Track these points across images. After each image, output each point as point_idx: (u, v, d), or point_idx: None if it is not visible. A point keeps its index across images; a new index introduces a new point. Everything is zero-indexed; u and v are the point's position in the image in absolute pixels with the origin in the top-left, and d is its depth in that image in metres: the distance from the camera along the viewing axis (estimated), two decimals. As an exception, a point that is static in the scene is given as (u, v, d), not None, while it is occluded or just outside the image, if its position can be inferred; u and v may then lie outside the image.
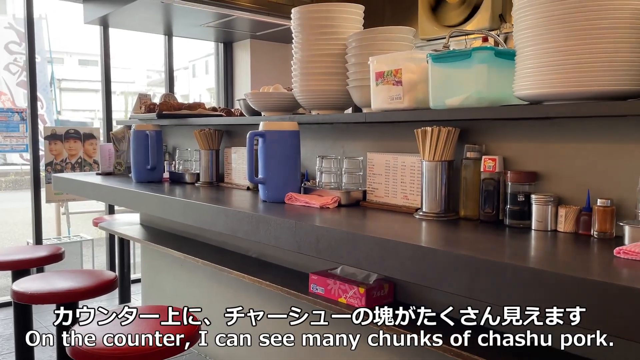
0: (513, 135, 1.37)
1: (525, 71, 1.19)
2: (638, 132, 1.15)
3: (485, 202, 1.36)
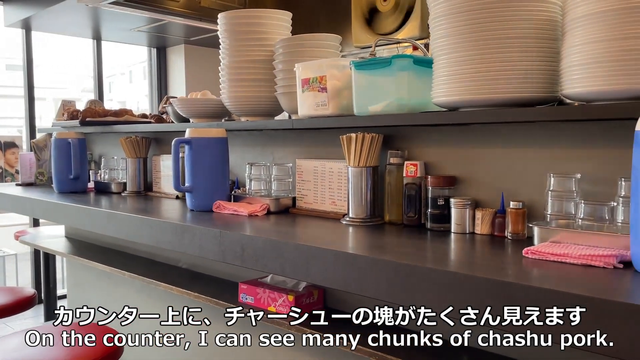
0: (433, 140, 1.40)
1: (441, 78, 1.22)
2: (546, 137, 1.20)
3: (408, 207, 1.39)
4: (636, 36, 0.95)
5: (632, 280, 0.86)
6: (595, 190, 1.12)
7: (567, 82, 1.05)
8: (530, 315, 0.79)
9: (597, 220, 1.06)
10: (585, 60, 1.00)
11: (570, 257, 0.95)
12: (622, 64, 0.96)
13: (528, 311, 0.80)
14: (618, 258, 0.93)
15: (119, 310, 1.41)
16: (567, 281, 0.87)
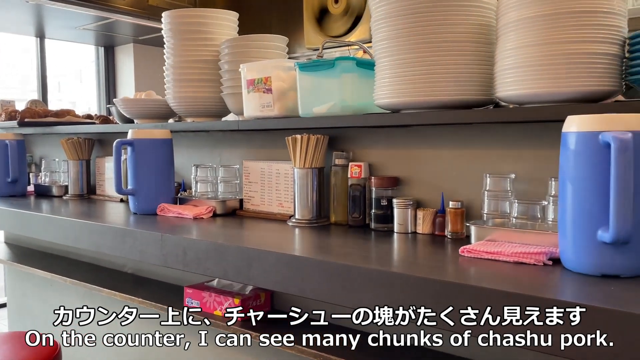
0: (377, 142, 1.42)
1: (382, 81, 1.24)
2: (483, 138, 1.24)
3: (353, 208, 1.40)
4: (564, 41, 0.99)
5: (560, 276, 0.89)
6: (528, 189, 1.16)
7: (500, 85, 1.09)
8: (473, 314, 0.81)
9: (529, 219, 1.10)
10: (517, 64, 1.04)
11: (503, 255, 0.98)
12: (551, 67, 1.00)
13: (463, 311, 0.82)
14: (547, 255, 0.96)
15: (57, 317, 1.36)
16: (500, 279, 0.89)
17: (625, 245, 0.84)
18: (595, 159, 0.85)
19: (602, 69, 0.99)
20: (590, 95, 1.00)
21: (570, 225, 0.89)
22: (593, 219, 0.85)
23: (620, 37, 1.01)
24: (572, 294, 0.81)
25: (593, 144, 0.85)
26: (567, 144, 0.90)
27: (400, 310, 0.89)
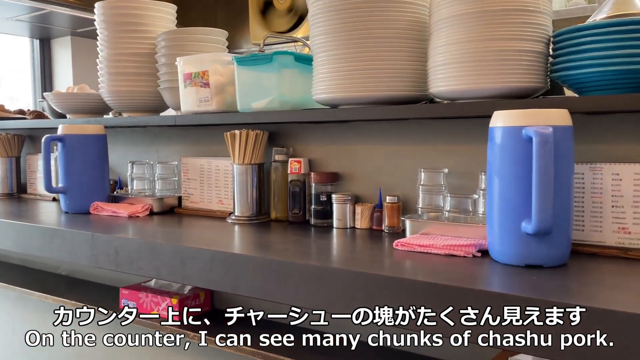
0: (317, 137, 1.42)
1: (320, 76, 1.23)
2: (418, 134, 1.26)
3: (293, 204, 1.39)
4: (492, 38, 1.01)
5: (487, 268, 0.91)
6: (460, 183, 1.19)
7: (433, 81, 1.10)
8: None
9: (461, 212, 1.13)
10: (448, 60, 1.05)
11: (435, 248, 1.00)
12: (480, 64, 1.02)
13: (398, 311, 0.83)
14: (477, 247, 0.98)
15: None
16: (431, 271, 0.90)
17: (547, 236, 0.87)
18: (519, 153, 0.87)
19: (529, 66, 1.02)
20: (517, 91, 1.03)
21: (497, 217, 0.91)
22: (517, 211, 0.88)
23: (545, 35, 1.04)
24: (498, 285, 0.83)
25: (517, 139, 0.88)
26: (494, 138, 0.92)
27: (335, 305, 0.88)
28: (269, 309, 1.46)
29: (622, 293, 0.75)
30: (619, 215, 0.98)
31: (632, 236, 0.97)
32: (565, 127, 0.88)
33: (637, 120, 1.00)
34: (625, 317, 0.65)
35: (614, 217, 0.99)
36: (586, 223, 1.01)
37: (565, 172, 0.88)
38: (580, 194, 1.02)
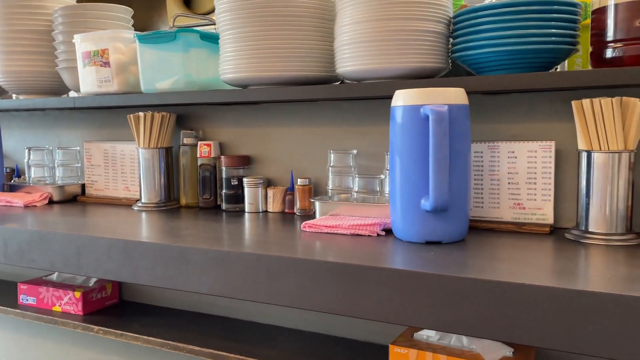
0: (227, 120, 1.37)
1: (227, 55, 1.19)
2: (328, 115, 1.25)
3: (203, 189, 1.34)
4: (394, 18, 1.01)
5: (390, 245, 0.92)
6: (369, 165, 1.19)
7: (339, 61, 1.09)
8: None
9: (369, 193, 1.13)
10: (353, 40, 1.05)
11: (341, 228, 1.00)
12: (383, 44, 1.02)
13: (301, 291, 0.82)
14: (381, 226, 0.99)
15: None
16: (335, 251, 0.89)
17: (445, 213, 0.88)
18: (417, 131, 0.88)
19: (431, 46, 1.04)
20: (420, 71, 1.04)
21: (399, 196, 0.92)
22: (417, 189, 0.89)
23: (446, 16, 1.06)
24: (396, 262, 0.84)
25: (415, 117, 0.88)
26: (395, 117, 0.92)
27: (239, 290, 0.86)
28: (182, 299, 1.42)
29: (511, 265, 0.77)
30: (515, 191, 1.02)
31: (527, 211, 1.01)
32: (461, 106, 0.89)
33: (530, 99, 1.04)
34: (511, 286, 0.67)
35: (510, 194, 1.03)
36: (485, 200, 1.05)
37: (462, 149, 0.89)
38: (479, 172, 1.05)
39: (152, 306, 1.43)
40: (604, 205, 0.89)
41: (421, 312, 0.73)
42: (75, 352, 1.45)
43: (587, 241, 0.90)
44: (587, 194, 0.91)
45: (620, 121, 0.87)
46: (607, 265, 0.77)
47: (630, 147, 0.88)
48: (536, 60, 0.95)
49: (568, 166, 1.01)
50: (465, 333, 0.71)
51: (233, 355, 1.10)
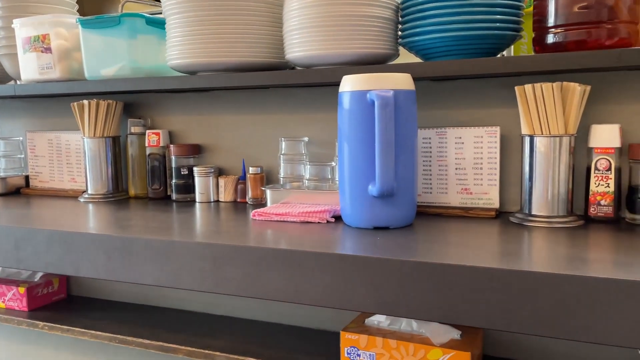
0: (176, 107, 1.34)
1: (173, 40, 1.15)
2: (279, 103, 1.23)
3: (152, 179, 1.31)
4: (344, 2, 1.00)
5: (339, 232, 0.91)
6: (320, 152, 1.19)
7: (288, 46, 1.08)
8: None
9: (321, 180, 1.13)
10: (301, 25, 1.03)
11: (290, 216, 0.99)
12: (332, 29, 1.01)
13: (247, 280, 0.80)
14: (331, 213, 0.99)
15: None
16: (284, 238, 0.88)
17: (392, 199, 0.88)
18: (364, 117, 0.88)
19: (379, 32, 1.03)
20: (369, 57, 1.04)
21: (347, 182, 0.92)
22: (364, 175, 0.89)
23: (394, 1, 1.05)
24: (342, 247, 0.83)
25: (362, 103, 0.88)
26: (342, 103, 0.91)
27: (183, 280, 0.84)
28: (132, 292, 1.39)
29: (456, 248, 0.78)
30: (462, 177, 1.03)
31: (474, 196, 1.03)
32: (407, 91, 0.89)
33: (478, 85, 1.05)
34: (452, 268, 0.68)
35: (458, 179, 1.04)
36: (434, 185, 1.06)
37: (408, 135, 0.90)
38: (428, 158, 1.06)
39: (101, 300, 1.40)
40: (546, 189, 0.91)
41: (365, 297, 0.73)
42: (21, 349, 1.39)
43: (530, 224, 0.91)
44: (530, 178, 0.93)
45: (560, 106, 0.88)
46: (548, 247, 0.79)
47: (571, 131, 0.90)
48: (482, 46, 0.96)
49: (513, 151, 1.03)
50: (408, 316, 0.71)
51: (183, 347, 1.08)
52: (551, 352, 1.01)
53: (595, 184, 0.91)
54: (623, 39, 0.85)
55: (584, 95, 0.90)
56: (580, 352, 0.99)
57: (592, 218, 0.93)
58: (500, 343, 1.05)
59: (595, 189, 0.92)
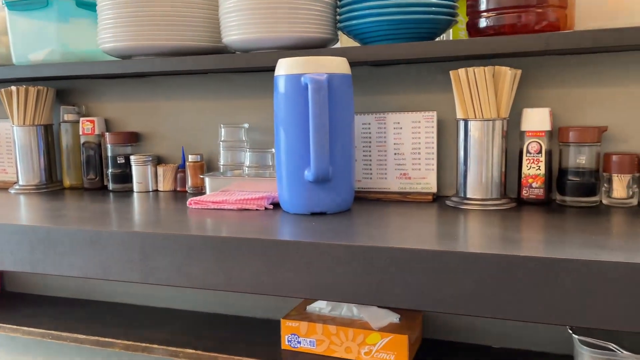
0: (112, 94, 1.29)
1: (105, 22, 1.10)
2: (218, 88, 1.20)
3: (88, 168, 1.26)
4: (281, -13, 0.98)
5: (275, 218, 0.90)
6: (261, 139, 1.17)
7: (225, 29, 1.05)
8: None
9: (261, 167, 1.11)
10: (238, 7, 1.00)
11: (227, 204, 0.96)
12: (270, 12, 0.98)
13: (174, 271, 0.78)
14: (269, 200, 0.97)
15: None
16: (219, 225, 0.86)
17: (329, 184, 0.88)
18: (299, 101, 0.86)
19: (318, 16, 1.01)
20: (308, 41, 1.02)
21: (284, 168, 0.90)
22: (301, 160, 0.87)
23: (333, -14, 1.04)
24: (279, 233, 0.82)
25: (297, 87, 0.86)
26: (278, 87, 0.90)
27: (112, 271, 0.81)
28: (67, 287, 1.33)
29: (390, 230, 0.78)
30: (401, 162, 1.04)
31: (412, 181, 1.03)
32: (343, 75, 0.88)
33: (415, 70, 1.05)
34: (381, 251, 0.68)
35: (397, 164, 1.04)
36: (374, 171, 1.06)
37: (344, 119, 0.89)
38: (368, 144, 1.05)
39: (35, 295, 1.34)
40: (480, 172, 0.92)
41: (297, 282, 0.72)
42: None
43: (465, 207, 0.93)
44: (465, 161, 0.94)
45: (493, 90, 0.90)
46: (480, 228, 0.80)
47: (503, 115, 0.91)
48: (418, 30, 0.96)
49: (450, 136, 1.04)
50: (341, 300, 0.71)
51: (119, 341, 1.05)
52: (489, 333, 1.03)
53: (527, 166, 0.93)
54: (552, 23, 0.87)
55: (515, 79, 0.91)
56: (516, 331, 1.01)
57: (525, 200, 0.95)
58: (439, 326, 1.06)
59: (527, 172, 0.94)
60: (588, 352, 0.81)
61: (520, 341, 1.01)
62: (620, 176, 0.90)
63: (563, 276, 0.61)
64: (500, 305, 0.64)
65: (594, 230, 0.75)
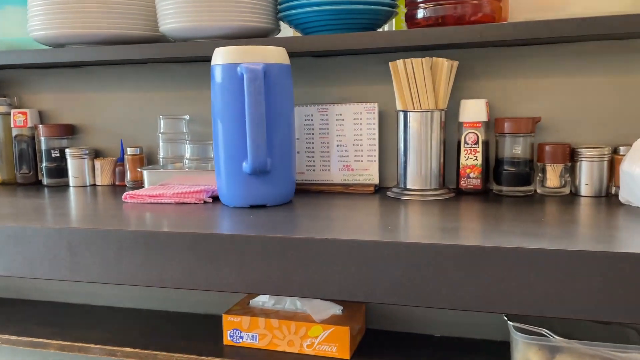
0: (46, 85, 1.23)
1: (35, 9, 1.05)
2: (158, 79, 1.17)
3: (20, 163, 1.20)
4: (218, -26, 0.96)
5: (214, 212, 0.88)
6: (202, 131, 1.14)
7: (161, 17, 1.01)
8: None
9: (202, 160, 1.08)
10: (173, -5, 0.97)
11: (165, 197, 0.94)
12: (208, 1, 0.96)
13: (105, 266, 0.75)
14: (208, 193, 0.95)
15: None
16: (154, 219, 0.83)
17: (268, 176, 0.86)
18: (235, 91, 0.84)
19: (257, 5, 1.00)
20: (248, 31, 1.00)
21: (222, 160, 0.88)
22: (239, 152, 0.86)
23: (273, -25, 1.02)
24: (216, 226, 0.80)
25: (233, 77, 0.84)
26: (215, 77, 0.87)
27: (39, 268, 0.77)
28: (3, 287, 1.27)
29: (330, 222, 0.77)
30: (343, 153, 1.03)
31: (354, 172, 1.03)
32: (281, 65, 0.87)
33: (356, 62, 1.05)
34: (314, 242, 0.67)
35: (339, 156, 1.03)
36: (317, 163, 1.05)
37: (283, 110, 0.87)
38: (310, 135, 1.05)
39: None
40: (419, 163, 0.93)
41: (231, 276, 0.70)
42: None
43: (405, 198, 0.93)
44: (405, 152, 0.94)
45: (430, 81, 0.90)
46: (419, 219, 0.80)
47: (441, 106, 0.92)
48: (359, 21, 0.95)
49: (391, 127, 1.04)
50: (274, 293, 0.70)
51: (54, 341, 1.01)
52: (431, 322, 1.04)
53: (465, 157, 0.95)
54: (486, 14, 0.88)
55: (452, 70, 0.92)
56: (456, 320, 1.03)
57: (463, 190, 0.96)
58: (383, 316, 1.07)
59: (464, 162, 0.95)
60: (521, 337, 0.83)
61: (460, 329, 1.03)
62: (554, 166, 0.93)
63: (495, 264, 0.61)
64: (432, 295, 0.64)
65: (526, 218, 0.76)
